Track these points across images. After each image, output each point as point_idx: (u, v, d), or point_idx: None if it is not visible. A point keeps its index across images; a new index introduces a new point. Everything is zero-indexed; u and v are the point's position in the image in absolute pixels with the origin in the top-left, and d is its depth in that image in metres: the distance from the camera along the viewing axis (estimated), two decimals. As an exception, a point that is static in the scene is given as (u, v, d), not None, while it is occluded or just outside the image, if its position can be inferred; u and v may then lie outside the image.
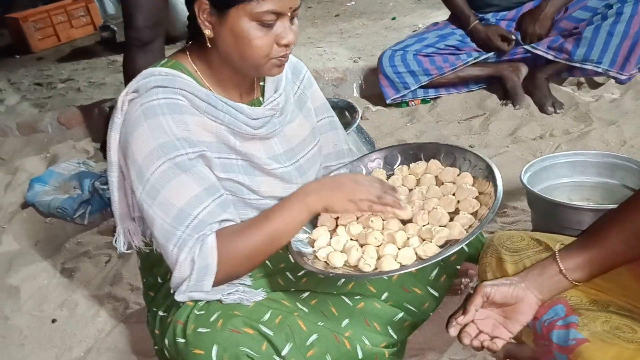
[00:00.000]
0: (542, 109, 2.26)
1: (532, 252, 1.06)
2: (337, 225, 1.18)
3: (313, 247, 1.14)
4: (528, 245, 1.08)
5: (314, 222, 1.19)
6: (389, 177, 1.28)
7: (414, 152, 1.29)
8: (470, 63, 2.34)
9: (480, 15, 2.38)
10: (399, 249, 1.08)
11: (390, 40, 3.57)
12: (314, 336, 1.05)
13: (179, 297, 1.04)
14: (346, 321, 1.12)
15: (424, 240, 1.09)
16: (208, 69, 1.12)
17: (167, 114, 1.04)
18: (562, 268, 0.92)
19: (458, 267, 1.28)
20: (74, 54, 4.61)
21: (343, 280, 1.18)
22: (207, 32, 1.05)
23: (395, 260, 1.05)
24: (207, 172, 1.07)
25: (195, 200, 1.03)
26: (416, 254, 1.06)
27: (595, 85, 2.39)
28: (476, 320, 0.92)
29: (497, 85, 2.44)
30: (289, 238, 1.10)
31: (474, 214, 1.11)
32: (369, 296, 1.18)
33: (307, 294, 1.15)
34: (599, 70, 2.22)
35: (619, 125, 2.05)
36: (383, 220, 1.14)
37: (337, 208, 1.09)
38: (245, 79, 1.15)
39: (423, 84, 2.37)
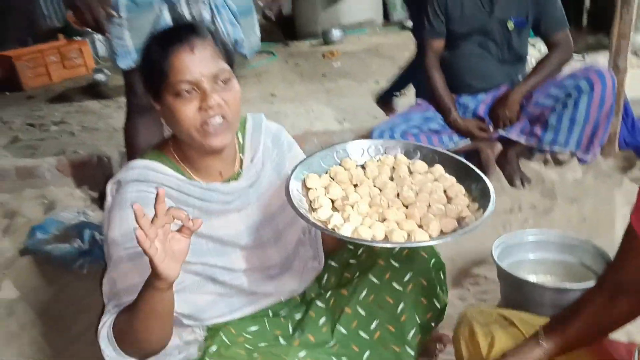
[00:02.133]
0: (511, 183, 2.48)
1: (499, 325, 1.22)
2: (332, 207, 1.19)
3: (328, 227, 1.12)
4: (496, 320, 1.24)
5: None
6: (362, 167, 1.30)
7: (377, 148, 1.33)
8: (451, 148, 2.56)
9: (461, 100, 2.61)
10: (418, 225, 1.13)
11: (373, 104, 3.80)
12: None
13: None
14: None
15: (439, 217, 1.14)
16: (184, 155, 1.23)
17: None
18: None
19: (432, 324, 1.36)
20: (65, 95, 4.72)
21: (334, 327, 1.29)
22: (164, 121, 1.20)
23: (425, 230, 1.10)
24: None
25: (132, 289, 1.10)
26: (440, 227, 1.11)
27: (560, 163, 2.63)
28: None
29: (474, 158, 2.66)
30: (161, 319, 1.06)
31: (464, 196, 1.20)
32: (353, 357, 1.29)
33: (303, 353, 1.21)
34: (566, 152, 2.46)
35: (580, 203, 2.26)
36: (388, 200, 1.19)
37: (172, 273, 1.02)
38: (217, 157, 1.22)
39: None
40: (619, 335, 1.40)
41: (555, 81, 2.45)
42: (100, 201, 2.62)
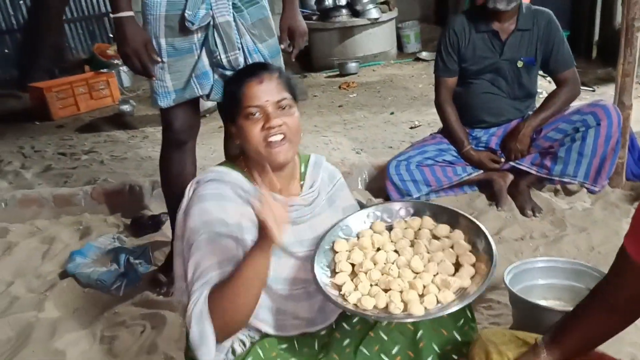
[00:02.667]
0: (522, 212, 2.59)
1: (513, 345, 1.33)
2: (352, 271, 1.38)
3: (339, 291, 1.32)
4: (509, 340, 1.34)
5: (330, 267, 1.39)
6: (388, 228, 1.47)
7: (408, 210, 1.51)
8: (464, 178, 2.71)
9: (474, 133, 2.76)
10: (420, 295, 1.28)
11: (389, 134, 3.94)
12: None
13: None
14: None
15: (439, 289, 1.29)
16: (251, 171, 1.43)
17: (214, 201, 1.36)
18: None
19: (454, 356, 1.44)
20: (93, 125, 4.90)
21: (357, 348, 1.40)
22: (237, 141, 1.44)
23: (421, 301, 1.25)
24: (233, 247, 1.34)
25: (217, 265, 1.30)
26: (437, 299, 1.27)
27: (570, 193, 2.74)
28: None
29: (486, 189, 2.80)
30: (261, 283, 1.28)
31: (472, 266, 1.33)
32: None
33: None
34: (575, 182, 2.59)
35: (589, 232, 2.37)
36: (399, 268, 1.36)
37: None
38: (280, 176, 1.43)
39: (423, 194, 2.71)
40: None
41: (564, 116, 2.60)
42: (132, 227, 2.78)
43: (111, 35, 7.00)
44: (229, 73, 1.97)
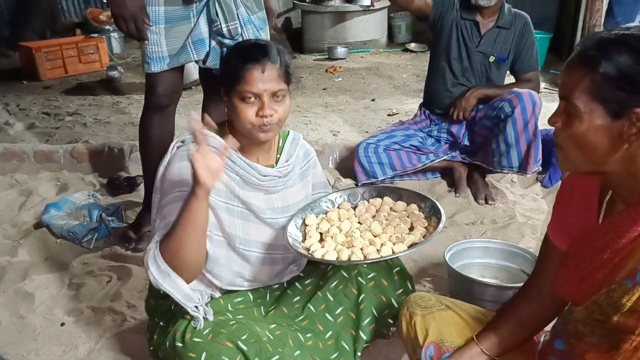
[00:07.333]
0: (476, 200, 2.76)
1: (436, 309, 1.46)
2: (321, 238, 1.57)
3: (308, 252, 1.51)
4: (434, 304, 1.47)
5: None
6: (354, 208, 1.68)
7: (370, 193, 1.74)
8: (427, 165, 2.87)
9: (437, 119, 2.92)
10: (377, 250, 1.49)
11: (367, 119, 4.07)
12: (276, 357, 1.42)
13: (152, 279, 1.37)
14: (298, 352, 1.51)
15: (394, 243, 1.51)
16: (234, 136, 1.53)
17: None
18: (483, 348, 1.29)
19: (390, 320, 1.64)
20: (80, 88, 4.96)
21: (305, 305, 1.62)
22: (226, 110, 1.53)
23: (378, 253, 1.48)
24: None
25: None
26: (392, 250, 1.49)
27: (525, 185, 2.91)
28: None
29: (448, 176, 2.95)
30: (199, 229, 1.35)
31: (425, 228, 1.56)
32: (317, 334, 1.59)
33: (273, 325, 1.54)
34: (514, 172, 2.76)
35: (534, 222, 2.54)
36: (360, 232, 1.55)
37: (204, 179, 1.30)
38: (259, 147, 1.56)
39: (388, 177, 2.87)
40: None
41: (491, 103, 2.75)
42: (108, 187, 2.89)
43: (105, 1, 7.02)
44: (227, 41, 2.09)
